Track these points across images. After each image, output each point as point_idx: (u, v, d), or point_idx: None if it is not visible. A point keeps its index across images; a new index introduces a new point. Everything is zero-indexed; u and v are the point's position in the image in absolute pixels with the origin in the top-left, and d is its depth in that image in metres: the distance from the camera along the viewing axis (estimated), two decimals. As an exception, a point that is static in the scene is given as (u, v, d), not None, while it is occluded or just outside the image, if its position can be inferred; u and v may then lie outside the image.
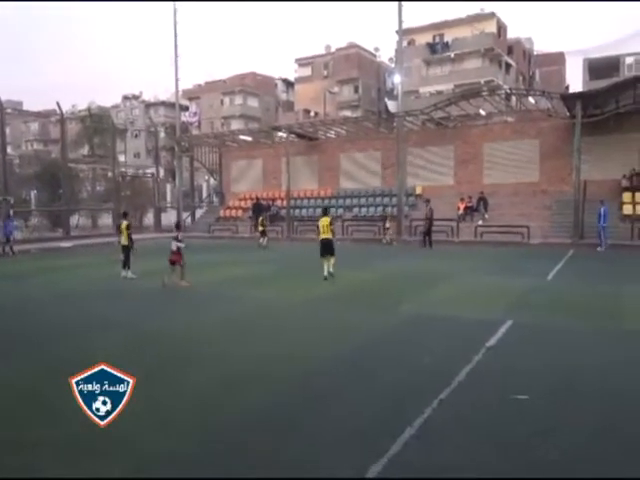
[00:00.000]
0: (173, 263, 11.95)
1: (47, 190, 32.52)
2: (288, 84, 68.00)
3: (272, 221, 28.12)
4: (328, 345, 6.97)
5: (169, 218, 34.32)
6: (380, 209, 27.01)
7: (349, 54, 56.00)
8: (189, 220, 33.89)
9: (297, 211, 29.14)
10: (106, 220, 32.68)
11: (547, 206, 22.91)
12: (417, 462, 3.81)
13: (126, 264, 13.37)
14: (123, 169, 38.81)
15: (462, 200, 23.93)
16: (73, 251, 22.48)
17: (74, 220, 31.79)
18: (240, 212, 31.28)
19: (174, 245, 12.03)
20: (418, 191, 26.94)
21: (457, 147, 26.38)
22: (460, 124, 27.16)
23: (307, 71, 59.47)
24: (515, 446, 4.07)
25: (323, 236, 12.53)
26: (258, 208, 28.71)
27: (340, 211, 28.07)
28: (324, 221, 12.72)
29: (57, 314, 9.27)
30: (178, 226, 13.27)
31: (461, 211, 23.72)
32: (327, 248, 12.43)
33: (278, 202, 30.12)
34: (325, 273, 12.31)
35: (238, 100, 64.07)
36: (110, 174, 34.24)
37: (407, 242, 22.78)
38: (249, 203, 30.93)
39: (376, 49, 60.19)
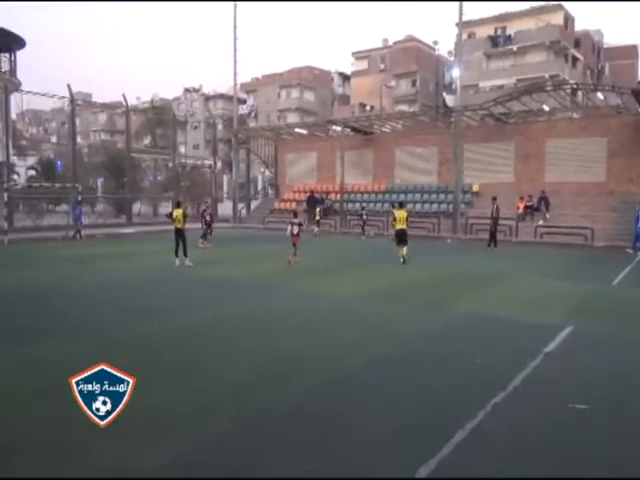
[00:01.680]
0: (295, 244, 14.06)
1: (112, 178, 34.03)
2: (344, 78, 67.72)
3: (325, 214, 28.21)
4: (378, 341, 6.94)
5: (225, 209, 35.14)
6: (435, 206, 26.55)
7: (407, 47, 55.06)
8: (244, 211, 34.52)
9: (350, 205, 29.07)
10: (166, 209, 33.81)
11: (613, 208, 21.75)
12: (468, 466, 3.75)
13: (184, 252, 13.80)
14: (183, 160, 39.98)
15: (522, 199, 23.10)
16: (134, 237, 23.43)
17: (136, 208, 33.09)
18: (294, 204, 31.51)
19: (295, 229, 14.07)
20: (475, 188, 26.25)
21: (517, 143, 25.48)
22: (521, 120, 26.21)
23: (364, 65, 58.97)
24: (572, 458, 3.93)
25: (400, 227, 14.17)
26: (312, 201, 28.87)
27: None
28: (401, 214, 14.36)
29: (112, 300, 9.65)
30: (296, 214, 15.28)
31: (520, 210, 22.89)
32: (403, 238, 14.06)
33: (332, 195, 30.16)
34: (402, 259, 13.87)
35: (295, 93, 64.47)
36: (170, 164, 35.36)
37: (463, 240, 22.32)
38: (303, 196, 31.13)
39: (435, 42, 58.91)
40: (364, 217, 25.02)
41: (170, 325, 7.60)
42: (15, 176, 35.65)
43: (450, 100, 44.99)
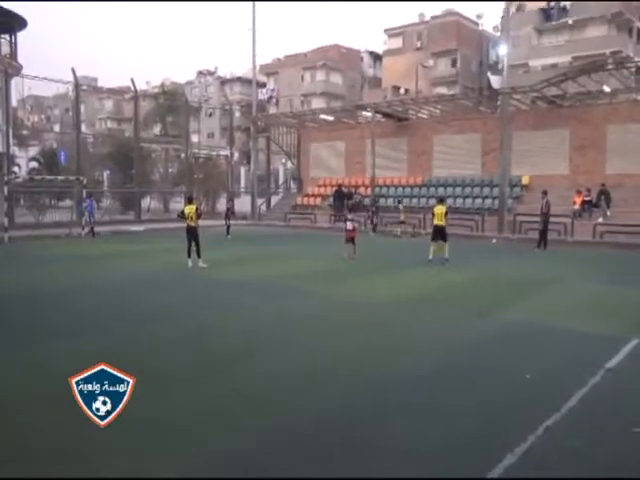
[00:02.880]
0: (350, 240, 15.46)
1: (120, 170, 34.57)
2: (376, 57, 67.56)
3: (354, 211, 28.12)
4: (415, 352, 6.90)
5: (242, 204, 35.35)
6: (479, 201, 26.24)
7: (446, 22, 54.62)
8: (264, 207, 34.71)
9: (382, 200, 28.94)
10: (178, 204, 34.22)
11: (687, 203, 21.14)
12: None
13: (197, 253, 13.93)
14: (196, 150, 40.40)
15: (579, 193, 22.65)
16: (144, 236, 23.80)
17: (145, 203, 33.56)
18: (319, 200, 31.56)
19: (350, 225, 15.65)
20: (524, 181, 25.83)
21: (574, 130, 24.98)
22: (578, 103, 25.68)
23: (397, 42, 58.69)
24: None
25: (438, 223, 15.06)
26: (340, 196, 28.83)
27: (432, 202, 27.52)
28: (439, 209, 15.26)
29: (118, 303, 9.84)
30: (351, 209, 17.17)
31: (577, 206, 22.45)
32: (440, 234, 14.97)
33: (361, 190, 30.08)
34: (430, 257, 14.78)
35: (320, 76, 64.55)
36: (183, 155, 35.78)
37: (510, 240, 22.02)
38: (329, 190, 31.14)
39: (478, 16, 58.39)
40: (369, 213, 25.77)
41: (183, 331, 7.70)
42: (16, 168, 36.63)
43: (496, 81, 44.51)
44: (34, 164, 43.60)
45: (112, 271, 13.64)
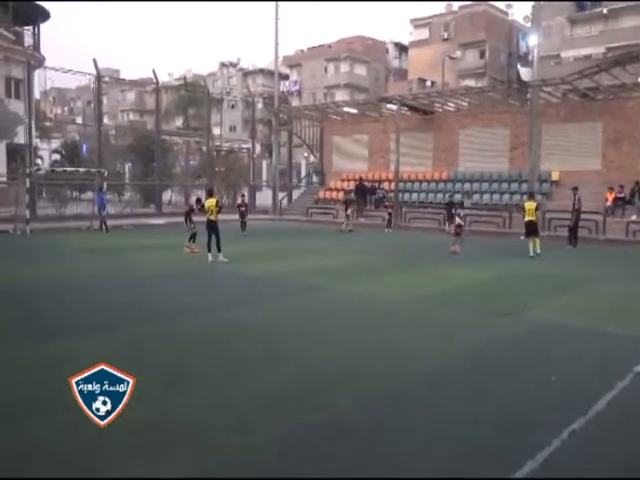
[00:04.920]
0: (458, 234, 16.71)
1: (141, 163, 34.96)
2: (401, 49, 67.18)
3: (377, 206, 28.09)
4: (436, 352, 6.86)
5: (264, 198, 35.46)
6: (507, 197, 25.95)
7: (474, 12, 54.05)
8: (285, 201, 34.79)
9: (406, 195, 28.79)
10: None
11: None
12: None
13: (215, 246, 14.03)
14: (218, 143, 40.64)
15: (611, 189, 22.28)
16: (164, 229, 24.03)
17: (167, 196, 33.88)
18: (342, 194, 31.52)
19: (457, 220, 17.09)
20: (554, 177, 25.48)
21: (607, 124, 24.54)
22: (612, 96, 25.20)
23: (424, 33, 58.26)
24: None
25: (529, 218, 15.88)
26: (362, 190, 28.75)
27: (457, 197, 27.31)
28: (530, 205, 16.05)
29: (136, 298, 9.93)
30: (462, 205, 18.89)
31: (609, 203, 22.10)
32: (532, 229, 15.81)
33: (385, 184, 29.96)
34: (531, 254, 15.52)
35: (344, 67, 64.36)
36: (204, 148, 36.01)
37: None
38: (352, 184, 31.09)
39: (508, 6, 57.77)
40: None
41: (198, 328, 7.74)
42: (38, 160, 37.31)
43: (525, 73, 43.87)
44: (56, 156, 44.37)
45: (133, 265, 13.85)
